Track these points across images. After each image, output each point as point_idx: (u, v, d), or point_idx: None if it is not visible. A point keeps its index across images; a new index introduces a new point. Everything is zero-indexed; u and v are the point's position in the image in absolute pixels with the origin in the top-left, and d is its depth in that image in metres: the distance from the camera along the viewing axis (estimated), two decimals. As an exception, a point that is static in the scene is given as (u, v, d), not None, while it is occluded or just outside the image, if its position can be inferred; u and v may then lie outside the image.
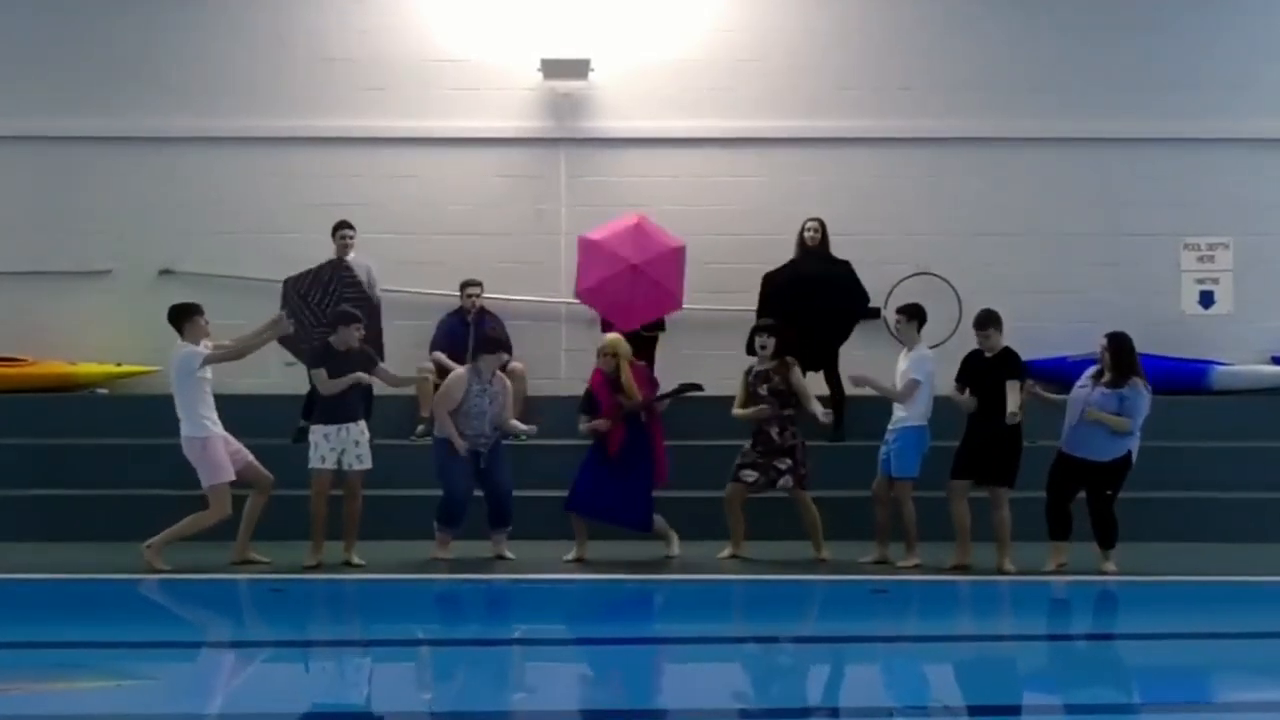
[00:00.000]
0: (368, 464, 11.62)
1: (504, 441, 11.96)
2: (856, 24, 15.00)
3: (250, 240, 14.50)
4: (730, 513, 11.91)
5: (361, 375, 11.49)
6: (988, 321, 11.59)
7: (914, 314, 11.89)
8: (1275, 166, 15.02)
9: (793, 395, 11.82)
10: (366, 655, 9.50)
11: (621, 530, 11.88)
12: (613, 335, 12.04)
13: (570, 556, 11.74)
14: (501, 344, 12.12)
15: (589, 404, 11.84)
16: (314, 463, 11.52)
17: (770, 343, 11.90)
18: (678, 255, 12.97)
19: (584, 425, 11.81)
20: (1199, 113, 14.85)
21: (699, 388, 12.04)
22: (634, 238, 12.75)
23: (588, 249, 12.87)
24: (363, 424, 11.66)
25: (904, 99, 14.89)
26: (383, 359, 12.25)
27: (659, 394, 11.98)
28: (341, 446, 11.50)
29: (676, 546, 11.92)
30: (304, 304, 12.80)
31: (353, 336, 11.60)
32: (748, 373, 12.01)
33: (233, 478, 11.34)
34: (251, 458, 11.52)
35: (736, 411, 11.92)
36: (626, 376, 11.72)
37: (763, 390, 11.84)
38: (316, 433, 11.53)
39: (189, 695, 8.37)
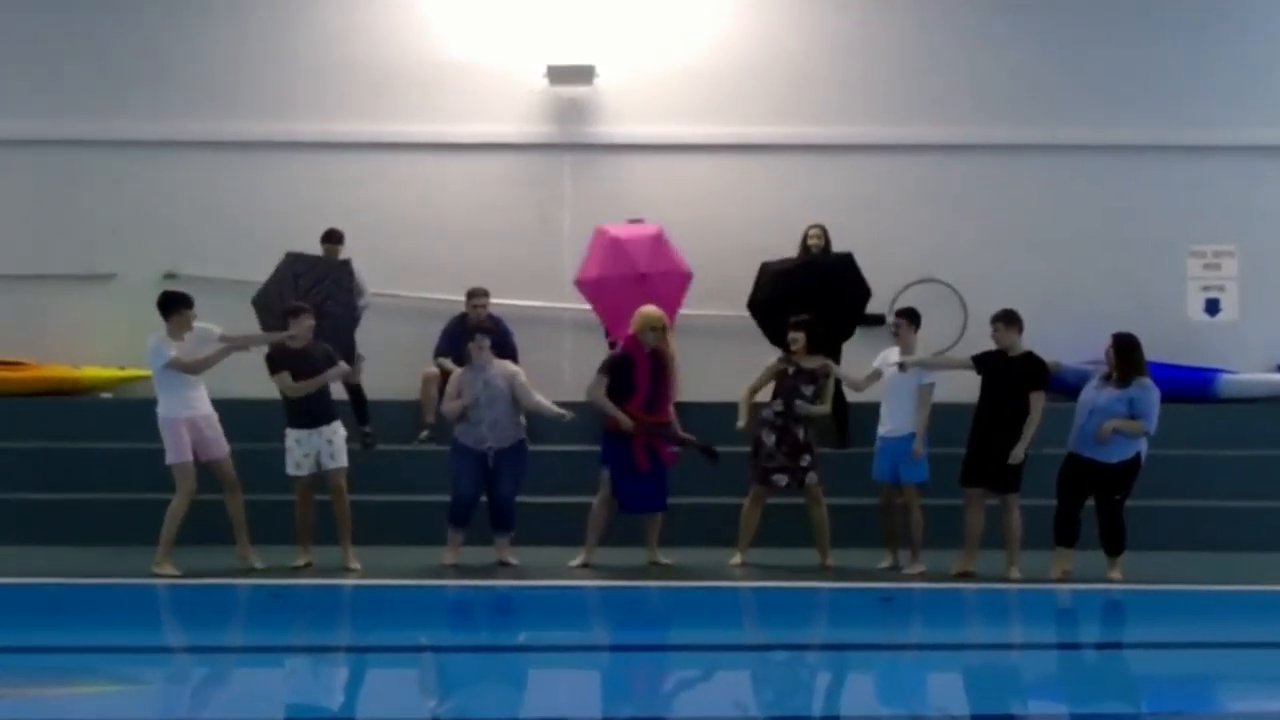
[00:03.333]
0: (343, 461, 11.59)
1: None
2: (862, 31, 14.99)
3: (254, 244, 14.43)
4: (749, 517, 11.80)
5: (329, 374, 11.45)
6: (996, 317, 11.52)
7: (913, 318, 11.92)
8: (1281, 174, 15.03)
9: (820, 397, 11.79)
10: (366, 661, 9.48)
11: (627, 537, 11.86)
12: (643, 313, 11.64)
13: (577, 562, 11.72)
14: (484, 330, 12.09)
15: (623, 379, 11.53)
16: (290, 469, 11.54)
17: (800, 338, 11.80)
18: (660, 240, 12.88)
19: (605, 402, 11.51)
20: (1205, 120, 14.85)
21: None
22: (652, 247, 12.73)
23: (591, 290, 12.76)
24: (336, 424, 11.64)
25: (909, 106, 14.88)
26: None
27: (684, 437, 11.74)
28: (316, 449, 11.49)
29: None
30: (294, 283, 12.82)
31: (305, 329, 11.50)
32: (784, 362, 11.83)
33: (187, 459, 11.26)
34: (224, 455, 11.45)
35: (744, 394, 11.75)
36: (674, 363, 11.57)
37: (807, 391, 11.72)
38: (290, 437, 11.52)
39: (190, 701, 8.37)
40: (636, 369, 11.57)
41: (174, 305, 11.43)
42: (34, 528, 12.51)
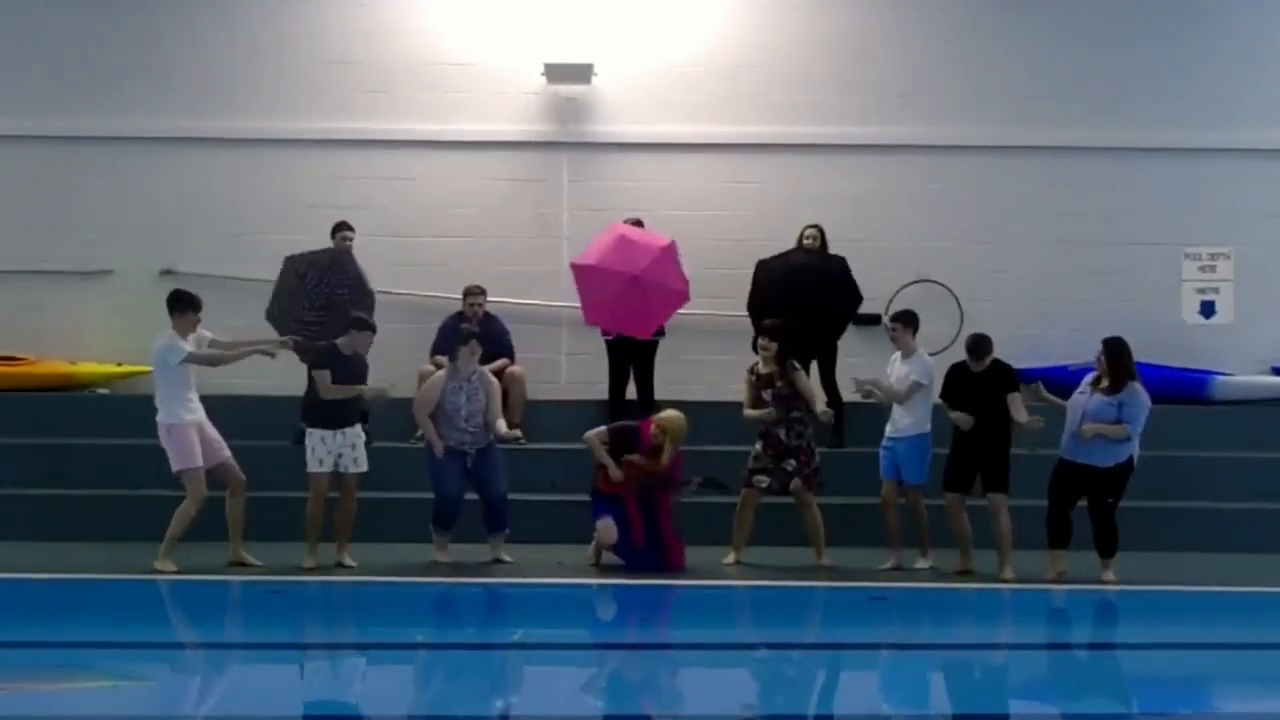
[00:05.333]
0: (364, 467, 11.64)
1: (498, 445, 11.92)
2: (859, 31, 15.01)
3: (252, 241, 14.49)
4: (741, 518, 11.87)
5: (364, 389, 11.51)
6: (980, 346, 11.59)
7: (909, 321, 11.93)
8: (1277, 176, 15.02)
9: (799, 398, 11.81)
10: (363, 658, 9.50)
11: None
12: (674, 417, 11.74)
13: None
14: (476, 336, 12.11)
15: (626, 440, 11.67)
16: (312, 466, 11.52)
17: (772, 346, 11.87)
18: (670, 252, 12.92)
19: (600, 452, 11.61)
20: (1200, 122, 14.87)
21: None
22: (623, 249, 12.66)
23: (583, 275, 12.77)
24: (359, 427, 11.69)
25: (905, 106, 14.90)
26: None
27: (685, 480, 11.81)
28: (339, 450, 11.51)
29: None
30: (300, 283, 12.93)
31: (364, 344, 11.61)
32: (751, 371, 11.97)
33: (199, 464, 11.28)
34: (228, 456, 11.48)
35: (747, 413, 11.87)
36: (668, 454, 11.59)
37: (766, 395, 11.82)
38: (314, 436, 11.53)
39: (189, 697, 8.39)
40: (640, 444, 11.66)
41: (181, 305, 11.43)
42: (30, 523, 12.51)
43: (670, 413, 11.84)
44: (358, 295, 13.14)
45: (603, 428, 11.83)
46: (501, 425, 11.81)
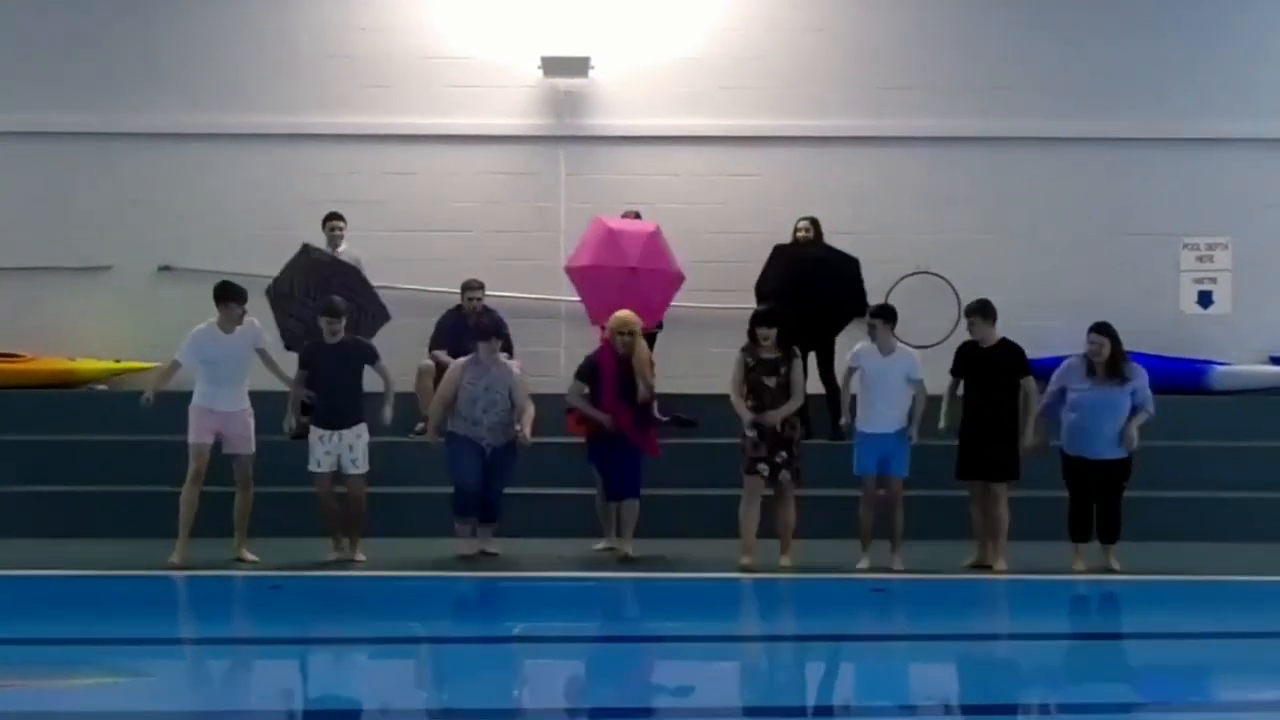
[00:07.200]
0: (364, 468, 11.63)
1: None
2: (857, 23, 15.02)
3: (250, 237, 14.50)
4: (748, 511, 11.44)
5: (292, 423, 11.56)
6: (974, 309, 11.57)
7: (890, 316, 11.66)
8: (1275, 166, 15.05)
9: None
10: (373, 653, 9.50)
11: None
12: (629, 313, 11.83)
13: (601, 546, 11.80)
14: (497, 331, 12.13)
15: (590, 374, 11.74)
16: (311, 466, 11.56)
17: (772, 334, 11.74)
18: (657, 237, 12.91)
19: (585, 406, 11.65)
20: (1199, 113, 14.88)
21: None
22: (646, 244, 12.70)
23: (581, 276, 12.77)
24: (360, 427, 11.65)
25: (904, 98, 14.90)
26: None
27: (660, 414, 11.78)
28: (338, 451, 11.52)
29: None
30: (315, 267, 13.07)
31: (333, 329, 11.58)
32: (748, 352, 11.62)
33: (197, 440, 11.35)
34: (242, 453, 11.49)
35: (734, 398, 11.61)
36: (639, 358, 11.66)
37: (769, 382, 11.60)
38: (313, 435, 11.55)
39: (194, 693, 8.41)
40: (602, 371, 11.69)
41: (220, 297, 11.51)
42: (29, 520, 12.50)
43: (623, 313, 11.81)
44: (366, 304, 13.11)
45: (575, 381, 11.79)
46: (525, 430, 11.64)
